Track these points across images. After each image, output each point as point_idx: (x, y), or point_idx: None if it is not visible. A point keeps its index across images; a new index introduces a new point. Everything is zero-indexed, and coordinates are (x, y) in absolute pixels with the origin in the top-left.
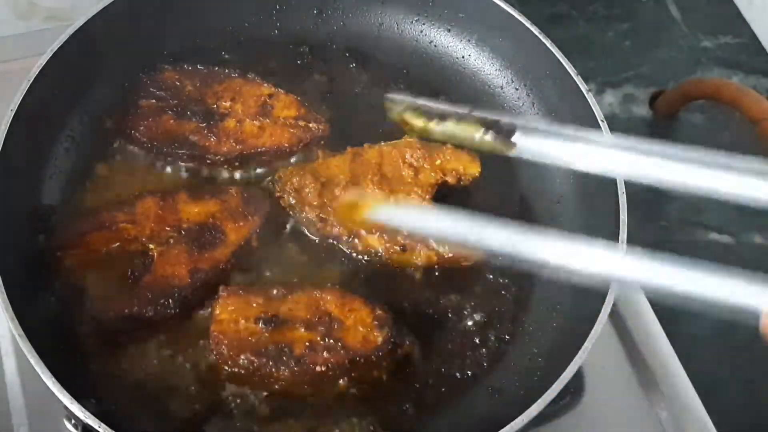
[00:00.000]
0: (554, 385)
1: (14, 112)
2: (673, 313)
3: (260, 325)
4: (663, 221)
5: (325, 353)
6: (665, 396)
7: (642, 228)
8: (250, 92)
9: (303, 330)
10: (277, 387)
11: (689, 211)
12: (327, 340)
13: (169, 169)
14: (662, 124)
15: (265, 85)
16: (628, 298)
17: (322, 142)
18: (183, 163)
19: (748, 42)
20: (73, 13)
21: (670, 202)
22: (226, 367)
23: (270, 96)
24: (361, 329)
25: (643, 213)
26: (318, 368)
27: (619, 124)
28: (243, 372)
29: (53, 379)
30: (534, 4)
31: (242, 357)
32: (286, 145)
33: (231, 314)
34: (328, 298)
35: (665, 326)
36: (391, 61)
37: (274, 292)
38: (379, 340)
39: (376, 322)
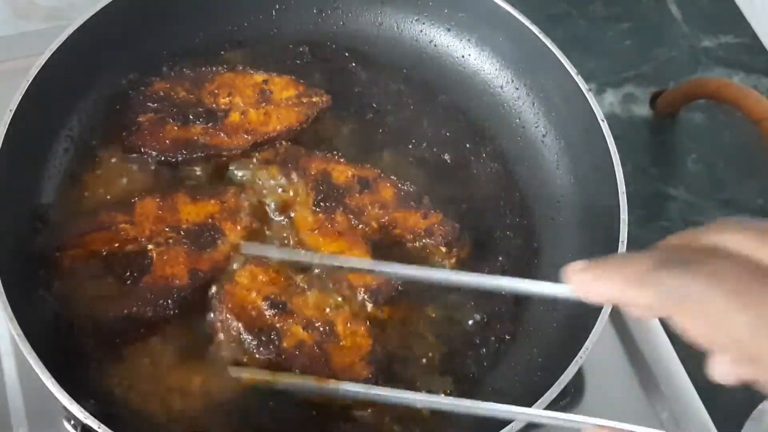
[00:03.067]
0: (554, 386)
1: (13, 112)
2: None
3: (267, 304)
4: (663, 221)
5: (306, 358)
6: (666, 396)
7: (642, 228)
8: (245, 83)
9: (301, 328)
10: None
11: (690, 211)
12: (315, 348)
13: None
14: (663, 124)
15: (257, 72)
16: None
17: (327, 114)
18: (198, 166)
19: (749, 42)
20: (72, 12)
21: (670, 202)
22: (219, 329)
23: (265, 82)
24: (352, 355)
25: (644, 213)
26: (295, 370)
27: (620, 124)
28: (229, 338)
29: (52, 379)
30: (533, 3)
31: (235, 323)
32: (296, 123)
33: (249, 282)
34: (341, 311)
35: (665, 326)
36: (391, 61)
37: (298, 282)
38: (364, 373)
39: (369, 357)
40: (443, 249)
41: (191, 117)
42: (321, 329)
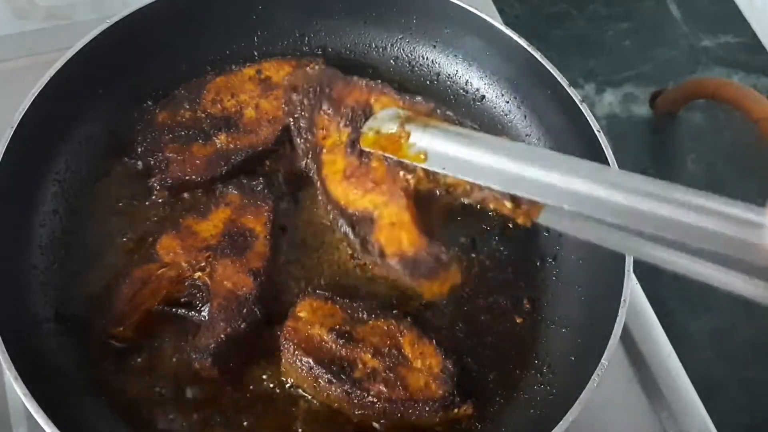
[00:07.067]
0: (575, 405)
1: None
2: (674, 314)
3: (332, 335)
4: None
5: (382, 385)
6: (665, 396)
7: None
8: (240, 80)
9: (370, 355)
10: (325, 401)
11: None
12: (389, 373)
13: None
14: (662, 124)
15: (245, 67)
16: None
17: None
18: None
19: (748, 41)
20: (71, 11)
21: None
22: (287, 364)
23: (258, 71)
24: (425, 375)
25: None
26: (370, 398)
27: (619, 124)
28: (300, 374)
29: None
30: (534, 4)
31: (305, 359)
32: None
33: (310, 316)
34: (405, 333)
35: (665, 326)
36: (378, 80)
37: (358, 310)
38: (440, 392)
39: (442, 374)
40: (508, 204)
41: (210, 130)
42: (390, 353)
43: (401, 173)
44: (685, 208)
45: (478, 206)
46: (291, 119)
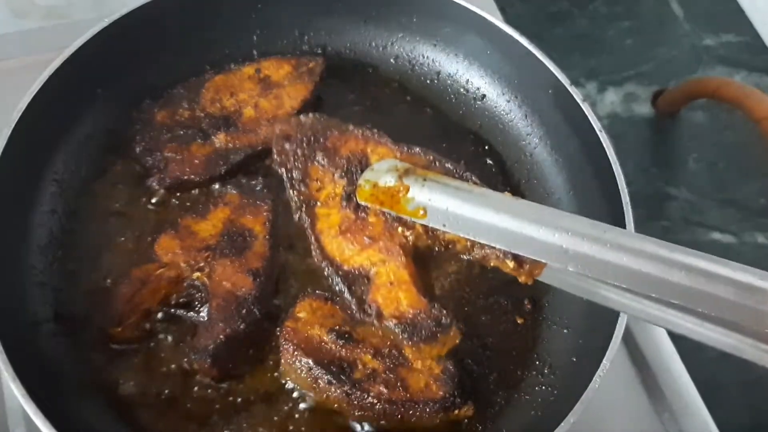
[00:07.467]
0: (577, 405)
1: None
2: None
3: (332, 336)
4: (665, 221)
5: (382, 386)
6: (667, 397)
7: (644, 227)
8: (240, 78)
9: (370, 356)
10: (326, 402)
11: (691, 210)
12: (389, 374)
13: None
14: (664, 123)
15: (244, 66)
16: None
17: (324, 75)
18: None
19: (750, 40)
20: (71, 10)
21: (671, 201)
22: (286, 365)
23: (257, 70)
24: (426, 376)
25: (644, 212)
26: (370, 399)
27: (621, 123)
28: (300, 375)
29: None
30: (535, 3)
31: (304, 360)
32: (308, 94)
33: (309, 316)
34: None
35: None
36: (378, 79)
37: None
38: (440, 393)
39: (443, 375)
40: (510, 263)
41: (209, 130)
42: (391, 354)
43: (399, 229)
44: (694, 273)
45: None
46: (284, 170)
